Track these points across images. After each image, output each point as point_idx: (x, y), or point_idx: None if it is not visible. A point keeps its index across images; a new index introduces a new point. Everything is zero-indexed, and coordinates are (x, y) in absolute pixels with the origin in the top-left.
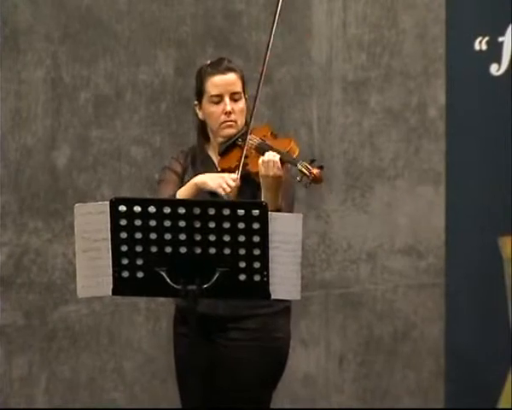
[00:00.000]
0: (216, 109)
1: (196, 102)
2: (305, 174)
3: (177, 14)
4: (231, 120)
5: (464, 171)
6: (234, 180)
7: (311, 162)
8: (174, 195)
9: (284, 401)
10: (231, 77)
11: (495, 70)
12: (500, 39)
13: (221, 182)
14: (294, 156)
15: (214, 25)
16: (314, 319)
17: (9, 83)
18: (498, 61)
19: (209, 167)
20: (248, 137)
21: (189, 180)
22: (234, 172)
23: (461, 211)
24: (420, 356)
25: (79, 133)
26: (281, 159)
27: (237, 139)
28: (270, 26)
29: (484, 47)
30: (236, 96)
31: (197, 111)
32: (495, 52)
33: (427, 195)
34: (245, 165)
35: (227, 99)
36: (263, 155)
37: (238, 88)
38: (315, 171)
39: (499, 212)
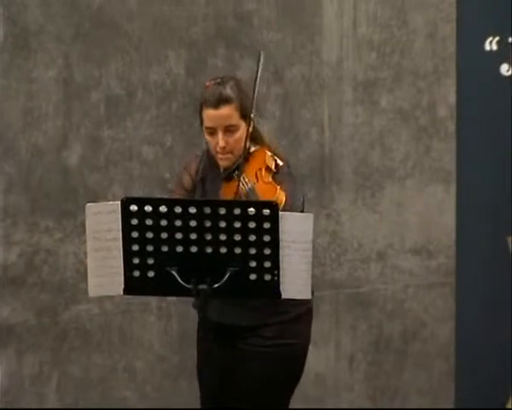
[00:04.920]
0: (211, 140)
1: (200, 121)
2: None
3: (188, 15)
4: (225, 153)
5: (474, 170)
6: None
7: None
8: None
9: (295, 400)
10: (224, 111)
11: (505, 70)
12: (510, 39)
13: None
14: (281, 206)
15: (225, 25)
16: (324, 319)
17: (21, 83)
18: (509, 61)
19: (216, 186)
20: (242, 180)
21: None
22: None
23: (471, 210)
24: (430, 355)
25: (91, 133)
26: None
27: (234, 171)
28: (280, 25)
29: (494, 47)
30: (232, 128)
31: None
32: (505, 52)
33: (438, 194)
34: None
35: (220, 134)
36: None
37: (232, 120)
38: None
39: (509, 211)
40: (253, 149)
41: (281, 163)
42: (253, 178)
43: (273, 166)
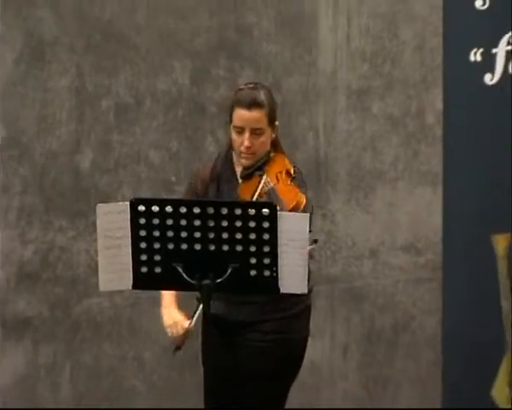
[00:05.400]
0: (237, 138)
1: (229, 120)
2: None
3: (192, 28)
4: (249, 153)
5: (460, 173)
6: (183, 328)
7: (314, 242)
8: None
9: (292, 388)
10: (255, 114)
11: (489, 79)
12: (494, 51)
13: (172, 327)
14: (301, 207)
15: (227, 37)
16: (320, 312)
17: (36, 91)
18: (492, 71)
19: (232, 185)
20: (264, 179)
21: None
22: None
23: (457, 210)
24: (418, 346)
25: (101, 138)
26: None
27: (255, 171)
28: (279, 37)
29: (478, 58)
30: (258, 132)
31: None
32: (489, 63)
33: (426, 195)
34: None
35: (247, 134)
36: None
37: (261, 124)
38: None
39: (492, 211)
40: (272, 153)
41: (297, 170)
42: (273, 179)
43: (292, 171)
